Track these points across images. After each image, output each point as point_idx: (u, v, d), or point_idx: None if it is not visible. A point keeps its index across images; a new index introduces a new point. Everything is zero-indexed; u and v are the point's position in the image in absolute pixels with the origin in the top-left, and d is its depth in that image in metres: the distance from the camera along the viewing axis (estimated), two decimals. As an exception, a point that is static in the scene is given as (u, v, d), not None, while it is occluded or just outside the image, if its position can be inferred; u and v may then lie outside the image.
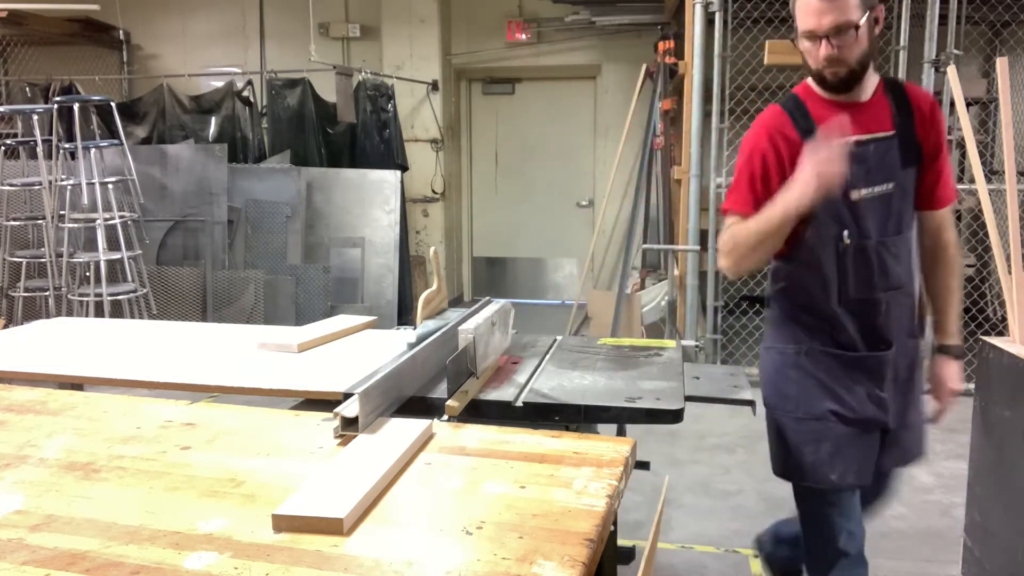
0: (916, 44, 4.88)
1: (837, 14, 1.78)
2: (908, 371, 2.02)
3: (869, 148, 1.89)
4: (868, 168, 1.89)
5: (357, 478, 1.31)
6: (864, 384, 1.95)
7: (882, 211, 1.91)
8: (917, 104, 1.93)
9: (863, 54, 1.84)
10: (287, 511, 1.21)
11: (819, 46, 1.84)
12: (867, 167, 1.89)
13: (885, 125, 1.91)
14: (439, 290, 2.33)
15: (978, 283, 6.01)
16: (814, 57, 1.88)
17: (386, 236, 6.18)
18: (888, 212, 1.91)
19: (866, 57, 1.86)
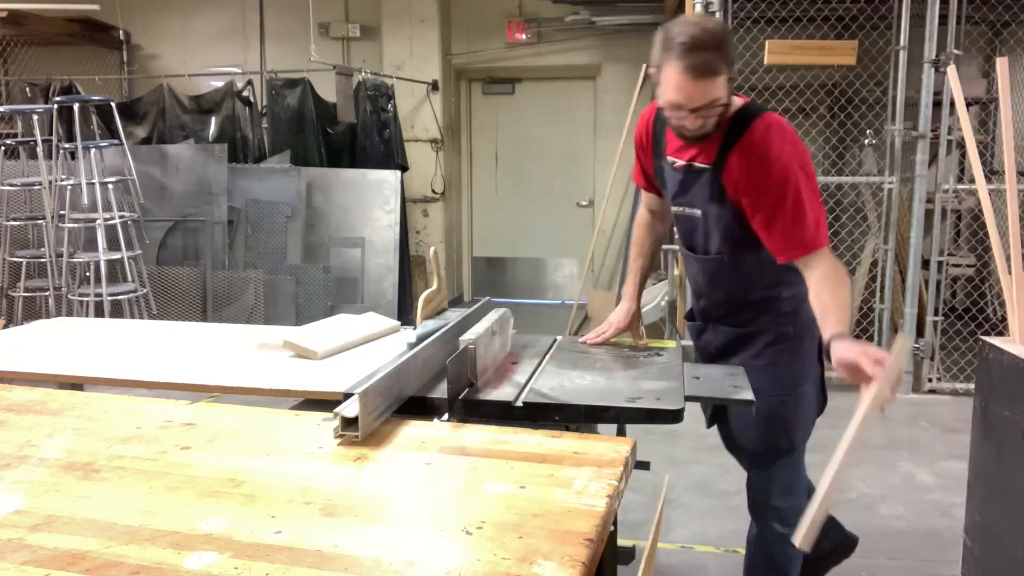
0: (916, 44, 4.87)
1: (707, 95, 1.84)
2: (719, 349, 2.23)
3: (682, 172, 2.07)
4: (680, 189, 2.09)
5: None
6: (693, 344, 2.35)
7: (692, 229, 2.13)
8: (740, 149, 1.94)
9: (721, 117, 1.93)
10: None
11: (684, 117, 1.90)
12: (679, 187, 2.09)
13: (707, 157, 2.00)
14: (439, 290, 2.33)
15: (978, 283, 6.02)
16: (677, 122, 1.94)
17: (386, 236, 6.18)
18: (696, 232, 2.11)
19: (723, 117, 1.93)
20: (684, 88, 1.83)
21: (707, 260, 2.13)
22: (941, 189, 4.96)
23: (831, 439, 4.33)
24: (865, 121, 6.25)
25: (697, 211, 2.06)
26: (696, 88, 1.83)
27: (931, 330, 5.00)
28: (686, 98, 1.84)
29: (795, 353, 2.15)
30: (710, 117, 1.89)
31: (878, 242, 5.31)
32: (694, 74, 1.81)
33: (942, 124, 5.07)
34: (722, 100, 1.86)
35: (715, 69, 1.82)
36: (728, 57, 1.85)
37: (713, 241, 2.08)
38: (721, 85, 1.84)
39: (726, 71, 1.84)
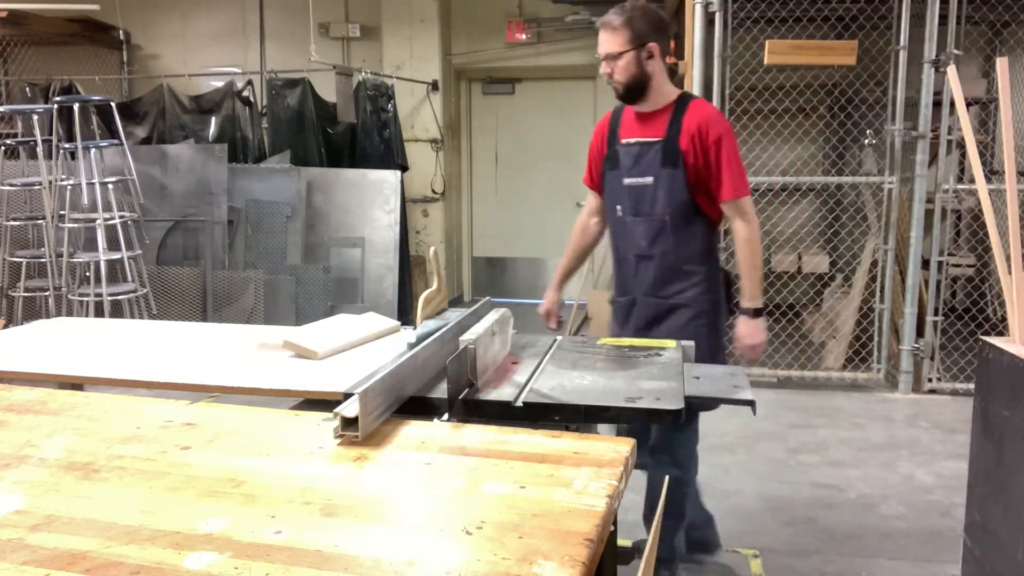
0: (916, 44, 4.88)
1: (607, 45, 2.44)
2: (647, 321, 2.57)
3: (637, 148, 2.53)
4: (635, 162, 2.52)
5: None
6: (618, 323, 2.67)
7: (641, 196, 2.52)
8: (689, 119, 2.46)
9: (631, 77, 2.44)
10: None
11: (602, 65, 2.47)
12: (634, 161, 2.53)
13: (659, 132, 2.49)
14: (439, 290, 2.33)
15: (978, 283, 6.02)
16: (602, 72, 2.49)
17: (386, 236, 6.18)
18: (644, 198, 2.52)
19: (635, 80, 2.44)
20: (599, 39, 2.46)
21: (652, 220, 2.52)
22: (941, 189, 4.96)
23: (830, 438, 4.35)
24: (865, 121, 6.26)
25: (649, 178, 2.50)
26: (600, 38, 2.45)
27: (931, 330, 5.01)
28: (598, 46, 2.46)
29: (712, 328, 2.57)
30: (615, 71, 2.43)
31: (878, 242, 5.31)
32: (599, 27, 2.46)
33: (942, 124, 5.07)
34: (615, 53, 2.41)
35: (613, 26, 2.41)
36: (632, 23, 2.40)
37: (659, 204, 2.50)
38: (618, 41, 2.41)
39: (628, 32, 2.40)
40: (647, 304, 2.57)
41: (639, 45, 2.41)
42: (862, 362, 5.33)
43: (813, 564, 2.92)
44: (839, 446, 4.08)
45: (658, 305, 2.55)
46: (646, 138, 2.51)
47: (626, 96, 2.49)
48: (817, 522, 3.25)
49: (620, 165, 2.58)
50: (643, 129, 2.53)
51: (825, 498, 3.47)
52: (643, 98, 2.49)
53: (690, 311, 2.53)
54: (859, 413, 4.63)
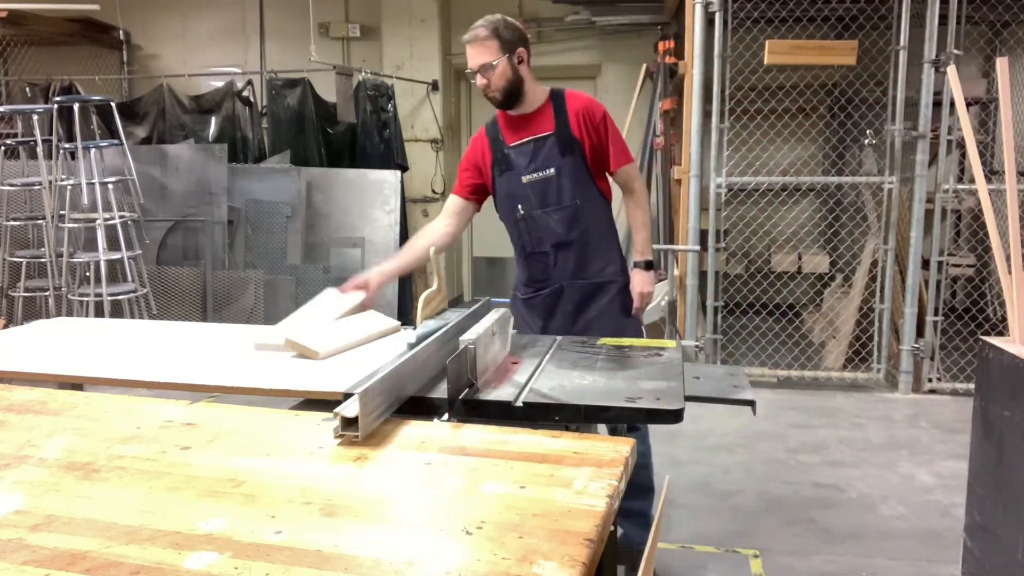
0: (916, 44, 4.88)
1: (480, 58, 2.55)
2: (577, 305, 2.68)
3: (530, 145, 2.63)
4: (532, 159, 2.63)
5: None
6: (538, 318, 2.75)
7: (546, 189, 2.63)
8: (572, 108, 2.60)
9: (507, 83, 2.56)
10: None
11: (475, 79, 2.59)
12: (531, 158, 2.63)
13: (547, 127, 2.62)
14: (439, 290, 2.33)
15: (978, 283, 6.02)
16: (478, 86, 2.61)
17: (386, 236, 6.18)
18: (550, 189, 2.62)
19: (511, 84, 2.57)
20: (467, 55, 2.59)
21: (564, 208, 2.63)
22: (941, 189, 4.96)
23: (830, 438, 4.34)
24: (865, 121, 6.26)
25: (551, 170, 2.61)
26: (470, 52, 2.58)
27: (931, 330, 5.01)
28: (469, 61, 2.59)
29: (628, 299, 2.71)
30: (490, 79, 2.55)
31: (878, 242, 5.31)
32: (468, 42, 2.58)
33: (942, 124, 5.07)
34: (492, 64, 2.52)
35: (480, 37, 2.54)
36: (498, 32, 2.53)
37: (566, 191, 2.62)
38: (488, 51, 2.53)
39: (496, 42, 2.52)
40: (575, 288, 2.69)
41: (510, 52, 2.54)
42: (862, 362, 5.33)
43: (813, 564, 2.92)
44: (839, 446, 4.09)
45: (585, 287, 2.69)
46: (537, 135, 2.63)
47: (505, 102, 2.61)
48: (817, 522, 3.25)
49: (514, 166, 2.69)
50: (529, 129, 2.65)
51: (825, 498, 3.47)
52: (520, 101, 2.62)
53: (615, 285, 2.70)
54: (859, 413, 4.64)
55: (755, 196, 6.62)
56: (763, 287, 5.88)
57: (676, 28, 6.28)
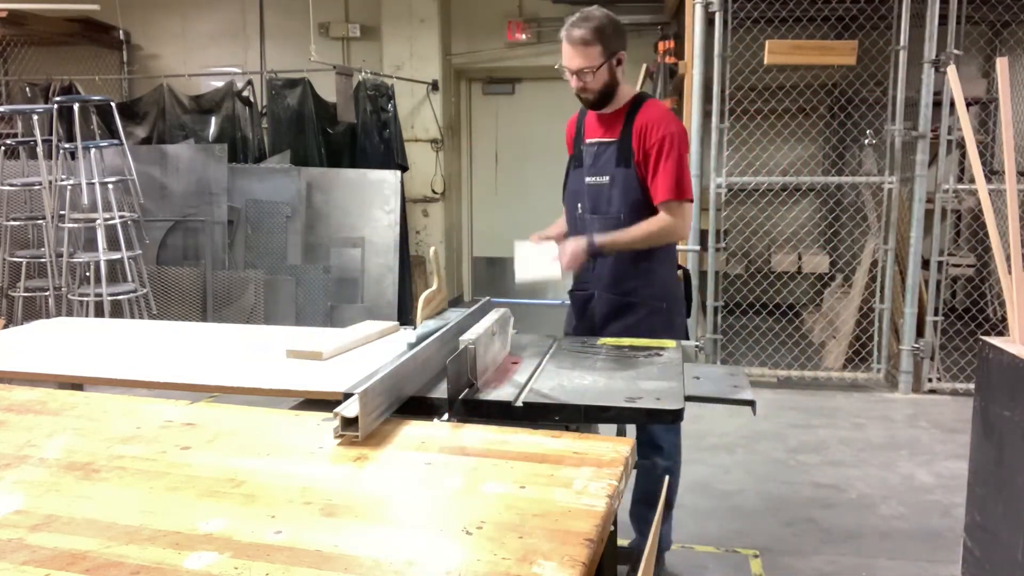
0: (916, 44, 4.88)
1: (583, 60, 2.45)
2: (605, 316, 2.63)
3: (596, 147, 2.61)
4: (594, 162, 2.61)
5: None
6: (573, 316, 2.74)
7: (599, 195, 2.59)
8: (640, 121, 2.51)
9: (604, 85, 2.50)
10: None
11: (571, 78, 2.51)
12: (594, 160, 2.61)
13: (615, 133, 2.56)
14: (439, 290, 2.33)
15: (978, 283, 6.02)
16: (572, 84, 2.53)
17: (386, 236, 6.18)
18: (602, 196, 2.58)
19: (607, 87, 2.51)
20: (565, 53, 2.48)
21: (608, 219, 2.57)
22: (941, 189, 4.96)
23: (827, 438, 4.35)
24: (865, 121, 6.26)
25: (606, 177, 2.57)
26: (571, 53, 2.46)
27: (931, 330, 5.00)
28: (569, 62, 2.48)
29: (667, 326, 2.61)
30: (587, 81, 2.47)
31: (878, 242, 5.31)
32: (569, 42, 2.46)
33: (942, 124, 5.07)
34: (593, 67, 2.44)
35: (586, 41, 2.42)
36: (604, 37, 2.43)
37: (615, 203, 2.56)
38: (592, 56, 2.43)
39: (600, 46, 2.42)
40: (605, 300, 2.64)
41: (611, 55, 2.46)
42: (862, 362, 5.33)
43: (813, 564, 2.92)
44: (839, 446, 4.08)
45: (614, 301, 2.62)
46: (605, 138, 2.59)
47: (597, 104, 2.56)
48: (817, 522, 3.25)
49: (583, 164, 2.66)
50: (603, 129, 2.60)
51: (825, 498, 3.47)
52: (609, 103, 2.56)
53: (645, 309, 2.59)
54: (859, 413, 4.63)
55: (755, 196, 6.61)
56: (763, 287, 5.88)
57: (676, 28, 6.27)
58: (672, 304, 2.64)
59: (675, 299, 2.66)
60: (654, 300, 2.60)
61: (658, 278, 2.61)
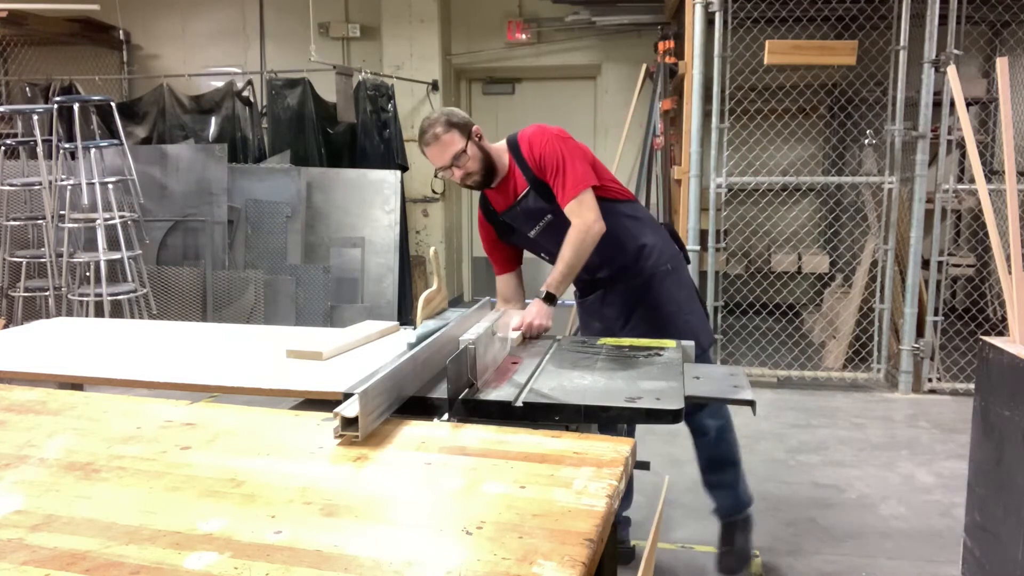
0: (916, 44, 4.87)
1: (448, 152, 2.47)
2: (625, 308, 2.68)
3: (517, 209, 2.62)
4: (527, 218, 2.62)
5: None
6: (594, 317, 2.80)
7: (554, 232, 2.55)
8: (527, 154, 2.55)
9: (483, 163, 2.53)
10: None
11: (451, 174, 2.53)
12: (525, 217, 2.62)
13: (522, 184, 2.58)
14: (439, 290, 2.33)
15: (978, 283, 6.02)
16: (457, 180, 2.55)
17: (386, 236, 6.18)
18: (559, 230, 2.52)
19: (487, 163, 2.54)
20: (432, 156, 2.51)
21: None
22: (941, 189, 4.96)
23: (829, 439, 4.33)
24: (865, 121, 6.26)
25: (548, 216, 2.58)
26: (437, 152, 2.48)
27: (931, 330, 5.00)
28: (438, 160, 2.50)
29: (679, 282, 2.71)
30: (467, 167, 2.51)
31: (878, 242, 5.31)
32: (428, 146, 2.49)
33: (942, 124, 5.07)
34: (461, 150, 2.48)
35: (439, 134, 2.46)
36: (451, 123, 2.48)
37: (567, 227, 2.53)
38: (452, 142, 2.47)
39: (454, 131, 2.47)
40: (617, 292, 2.69)
41: (469, 133, 2.51)
42: (862, 362, 5.33)
43: (813, 564, 2.92)
44: (839, 446, 4.08)
45: (623, 292, 2.68)
46: (516, 197, 2.61)
47: (485, 181, 2.58)
48: (817, 522, 3.25)
49: (517, 229, 2.70)
50: (508, 193, 2.62)
51: (825, 498, 3.47)
52: (496, 174, 2.59)
53: (656, 279, 2.67)
54: (859, 413, 4.63)
55: (755, 196, 6.62)
56: (763, 287, 5.88)
57: (676, 28, 6.27)
58: (673, 263, 2.72)
59: (673, 257, 2.74)
60: (658, 267, 2.67)
61: (651, 248, 2.68)
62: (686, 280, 2.78)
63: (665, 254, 2.71)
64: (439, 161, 2.51)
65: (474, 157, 2.52)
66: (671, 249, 2.75)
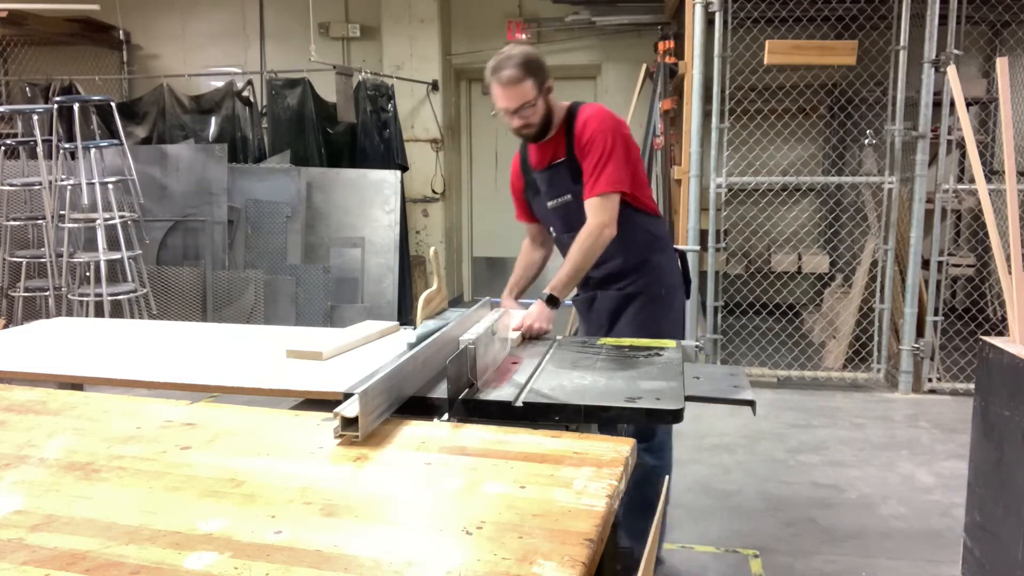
0: (916, 44, 4.87)
1: (517, 99, 2.43)
2: (610, 314, 2.66)
3: (548, 172, 2.61)
4: (550, 185, 2.61)
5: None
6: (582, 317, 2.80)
7: (568, 215, 2.59)
8: (579, 130, 2.50)
9: (543, 118, 2.50)
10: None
11: (511, 118, 2.49)
12: (549, 184, 2.62)
13: (561, 153, 2.57)
14: (439, 290, 2.33)
15: (978, 283, 6.02)
16: (512, 126, 2.52)
17: (386, 236, 6.18)
18: (571, 215, 2.57)
19: (545, 118, 2.51)
20: (499, 95, 2.45)
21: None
22: (941, 189, 4.96)
23: (829, 439, 4.34)
24: (865, 121, 6.26)
25: (567, 196, 2.58)
26: (505, 95, 2.43)
27: (931, 330, 5.00)
28: (504, 103, 2.45)
29: (668, 310, 2.67)
30: (528, 117, 2.47)
31: (878, 242, 5.31)
32: (501, 84, 2.42)
33: (942, 124, 5.07)
34: (531, 102, 2.44)
35: (518, 78, 2.41)
36: (531, 69, 2.42)
37: (583, 217, 2.52)
38: (525, 91, 2.42)
39: (531, 80, 2.41)
40: (606, 297, 2.68)
41: (542, 87, 2.46)
42: (862, 362, 5.33)
43: (813, 564, 2.92)
44: (839, 446, 4.08)
45: (615, 298, 2.66)
46: (554, 161, 2.58)
47: (539, 136, 2.55)
48: (817, 522, 3.25)
49: (540, 191, 2.67)
50: (549, 153, 2.59)
51: (825, 498, 3.47)
52: (549, 133, 2.56)
53: (644, 298, 2.63)
54: (859, 413, 4.63)
55: (755, 196, 6.62)
56: (763, 287, 5.88)
57: (676, 28, 6.27)
58: (670, 290, 2.68)
59: (672, 286, 2.70)
60: (651, 287, 2.64)
61: (653, 267, 2.65)
62: (675, 314, 2.70)
63: (665, 279, 2.67)
64: (505, 104, 2.45)
65: (539, 111, 2.48)
66: (673, 278, 2.71)
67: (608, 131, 2.48)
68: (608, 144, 2.46)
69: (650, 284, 2.64)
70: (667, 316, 2.65)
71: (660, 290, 2.65)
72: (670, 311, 2.67)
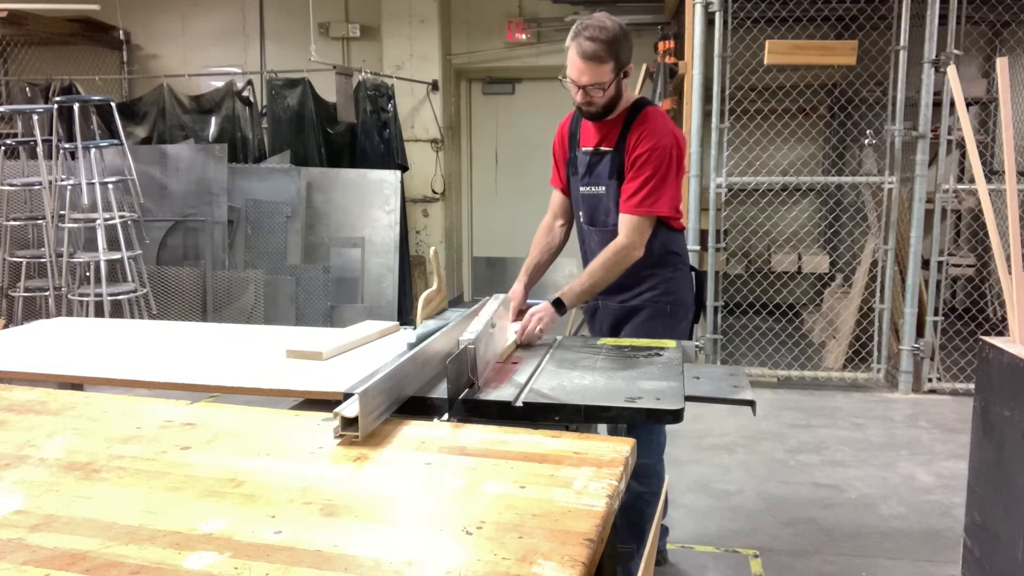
0: (916, 44, 4.88)
1: (593, 77, 2.33)
2: (611, 325, 2.61)
3: (589, 156, 2.52)
4: (588, 171, 2.53)
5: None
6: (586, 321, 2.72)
7: (596, 206, 2.54)
8: (634, 132, 2.42)
9: (609, 100, 2.40)
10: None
11: (578, 92, 2.39)
12: (587, 170, 2.53)
13: (611, 142, 2.48)
14: (439, 290, 2.33)
15: (978, 283, 6.02)
16: (574, 96, 2.42)
17: (386, 236, 6.18)
18: (599, 207, 2.53)
19: (613, 101, 2.41)
20: (574, 66, 2.35)
21: (606, 232, 2.50)
22: (941, 189, 4.96)
23: (829, 438, 4.34)
24: (865, 121, 6.26)
25: (601, 188, 2.51)
26: (581, 68, 2.33)
27: (931, 330, 5.01)
28: (578, 76, 2.34)
29: (670, 328, 2.54)
30: (595, 97, 2.37)
31: (878, 242, 5.31)
32: (581, 57, 2.31)
33: (942, 124, 5.07)
34: (604, 84, 2.34)
35: (600, 58, 2.30)
36: (616, 53, 2.31)
37: (612, 215, 2.49)
38: (604, 72, 2.31)
39: (612, 62, 2.31)
40: (607, 309, 2.62)
41: (620, 70, 2.37)
42: (862, 362, 5.33)
43: (813, 564, 2.92)
44: (839, 446, 4.09)
45: (616, 310, 2.59)
46: (601, 147, 2.49)
47: (599, 116, 2.46)
48: (817, 522, 3.25)
49: (578, 171, 2.57)
50: (599, 137, 2.50)
51: (825, 498, 3.47)
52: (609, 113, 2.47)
53: (647, 312, 2.55)
54: (859, 413, 4.64)
55: (755, 196, 6.62)
56: (763, 287, 5.88)
57: (676, 28, 6.27)
58: (677, 308, 2.58)
59: (681, 303, 2.60)
60: (657, 302, 2.55)
61: (662, 280, 2.56)
62: (678, 334, 2.56)
63: (672, 296, 2.57)
64: (576, 77, 2.34)
65: (608, 95, 2.38)
66: (682, 296, 2.60)
67: (666, 151, 2.40)
68: (663, 166, 2.39)
69: (655, 298, 2.55)
70: (669, 333, 2.49)
71: (665, 306, 2.56)
72: (672, 330, 2.55)
